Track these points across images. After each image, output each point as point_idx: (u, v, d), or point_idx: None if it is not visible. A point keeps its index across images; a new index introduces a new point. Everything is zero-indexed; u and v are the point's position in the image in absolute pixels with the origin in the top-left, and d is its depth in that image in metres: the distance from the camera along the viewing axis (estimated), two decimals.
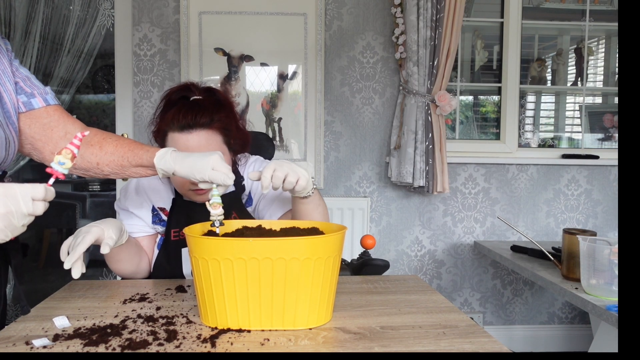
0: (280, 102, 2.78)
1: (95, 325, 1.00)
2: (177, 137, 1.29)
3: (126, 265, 1.35)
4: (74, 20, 2.78)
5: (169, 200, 1.44)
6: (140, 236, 1.43)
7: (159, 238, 1.46)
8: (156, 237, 1.47)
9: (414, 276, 1.39)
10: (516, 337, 2.97)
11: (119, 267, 1.35)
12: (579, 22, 3.01)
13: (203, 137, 1.30)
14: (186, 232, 1.02)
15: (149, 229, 1.44)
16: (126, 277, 1.40)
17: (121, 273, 1.38)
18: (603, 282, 1.66)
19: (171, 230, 1.40)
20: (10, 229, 0.86)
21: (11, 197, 0.86)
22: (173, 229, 1.40)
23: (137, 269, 1.39)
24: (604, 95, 3.24)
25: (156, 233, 1.46)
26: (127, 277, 1.40)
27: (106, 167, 1.18)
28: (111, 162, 1.17)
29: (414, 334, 0.97)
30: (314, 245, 0.97)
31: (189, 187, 1.32)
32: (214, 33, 2.71)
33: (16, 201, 0.86)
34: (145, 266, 1.42)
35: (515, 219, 2.92)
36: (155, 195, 1.44)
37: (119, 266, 1.35)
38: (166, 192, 1.45)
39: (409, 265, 2.91)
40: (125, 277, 1.41)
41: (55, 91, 2.80)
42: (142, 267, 1.40)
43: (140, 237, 1.43)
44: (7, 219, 0.85)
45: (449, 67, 2.64)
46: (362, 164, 2.84)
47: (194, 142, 1.29)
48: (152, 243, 1.46)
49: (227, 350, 0.89)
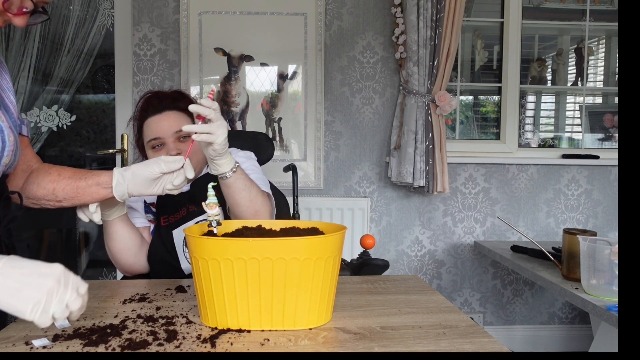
0: (280, 102, 2.78)
1: (95, 325, 1.00)
2: (150, 121, 1.47)
3: (129, 243, 1.39)
4: (73, 20, 2.78)
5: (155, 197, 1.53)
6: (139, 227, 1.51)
7: (152, 227, 1.54)
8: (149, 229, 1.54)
9: (414, 276, 1.39)
10: (516, 337, 2.97)
11: (121, 246, 1.38)
12: (579, 22, 3.00)
13: (172, 117, 1.46)
14: (186, 232, 1.02)
15: (145, 220, 1.54)
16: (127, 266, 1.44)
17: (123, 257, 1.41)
18: (603, 282, 1.66)
19: (161, 217, 1.50)
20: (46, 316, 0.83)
21: (65, 279, 0.85)
22: (162, 215, 1.50)
23: (138, 251, 1.42)
24: (604, 95, 3.24)
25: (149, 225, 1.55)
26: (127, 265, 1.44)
27: (61, 192, 1.16)
28: (67, 185, 1.16)
29: (414, 334, 0.97)
30: (314, 245, 0.97)
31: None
32: (214, 33, 2.71)
33: (67, 284, 0.85)
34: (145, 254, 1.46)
35: (516, 219, 2.92)
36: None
37: (122, 245, 1.38)
38: None
39: (409, 265, 2.91)
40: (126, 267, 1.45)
41: (55, 91, 2.82)
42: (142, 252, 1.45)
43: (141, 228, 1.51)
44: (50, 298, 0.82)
45: (449, 67, 2.64)
46: (362, 164, 2.84)
47: (165, 122, 1.45)
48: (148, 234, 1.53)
49: (227, 350, 0.89)
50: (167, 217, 1.49)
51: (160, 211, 1.51)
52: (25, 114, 2.78)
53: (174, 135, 1.45)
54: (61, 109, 2.83)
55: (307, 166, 2.78)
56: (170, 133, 1.45)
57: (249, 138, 1.98)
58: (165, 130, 1.45)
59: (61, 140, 4.58)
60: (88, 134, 4.67)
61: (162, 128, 1.45)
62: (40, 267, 0.85)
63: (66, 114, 2.84)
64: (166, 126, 1.45)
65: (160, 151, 1.45)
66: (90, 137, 4.69)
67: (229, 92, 2.74)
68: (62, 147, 4.60)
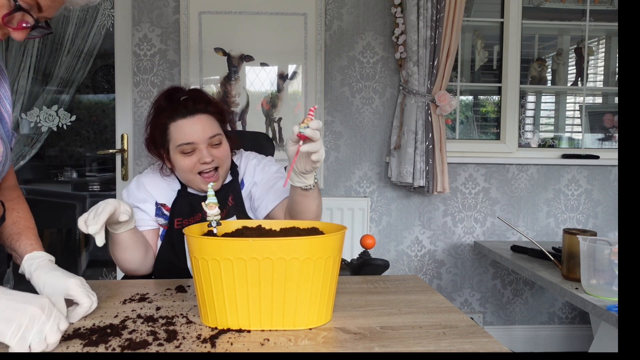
0: (280, 102, 2.78)
1: (95, 325, 1.00)
2: (182, 124, 1.40)
3: (134, 254, 1.37)
4: (73, 20, 2.78)
5: (170, 196, 1.50)
6: (146, 229, 1.48)
7: (161, 230, 1.51)
8: (158, 231, 1.51)
9: (414, 276, 1.39)
10: (516, 337, 2.97)
11: (125, 256, 1.37)
12: (579, 22, 3.00)
13: (204, 120, 1.41)
14: (186, 232, 1.02)
15: (154, 223, 1.49)
16: (130, 271, 1.43)
17: (127, 265, 1.40)
18: (603, 282, 1.66)
19: (175, 220, 1.46)
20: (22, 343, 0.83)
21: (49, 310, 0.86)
22: (176, 218, 1.47)
23: (143, 260, 1.41)
24: (604, 95, 3.24)
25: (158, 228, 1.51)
26: (131, 271, 1.42)
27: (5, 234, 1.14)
28: (9, 234, 1.14)
29: (414, 334, 0.97)
30: (314, 245, 0.96)
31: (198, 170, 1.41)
32: (214, 33, 2.71)
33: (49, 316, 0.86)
34: (151, 260, 1.45)
35: (515, 219, 2.92)
36: (157, 192, 1.50)
37: (126, 255, 1.36)
38: (168, 187, 1.51)
39: (409, 265, 2.91)
40: (129, 272, 1.44)
41: (55, 91, 2.82)
42: (148, 259, 1.43)
43: (146, 231, 1.48)
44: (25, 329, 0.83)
45: (449, 67, 2.64)
46: (362, 164, 2.84)
47: (198, 125, 1.40)
48: (154, 237, 1.50)
49: (227, 350, 0.89)
50: (182, 221, 1.46)
51: (175, 214, 1.48)
52: (26, 113, 2.78)
53: (207, 140, 1.40)
54: (61, 109, 2.83)
55: None
56: (204, 138, 1.40)
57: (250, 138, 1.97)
58: (200, 135, 1.39)
59: (61, 140, 4.58)
60: (88, 134, 4.67)
61: (196, 132, 1.39)
62: (27, 296, 0.87)
63: (66, 114, 2.84)
64: (200, 130, 1.40)
65: (192, 156, 1.40)
66: (90, 137, 4.69)
67: (229, 92, 2.74)
68: (62, 147, 4.60)
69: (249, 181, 1.55)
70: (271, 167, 1.57)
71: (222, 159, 1.44)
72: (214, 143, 1.42)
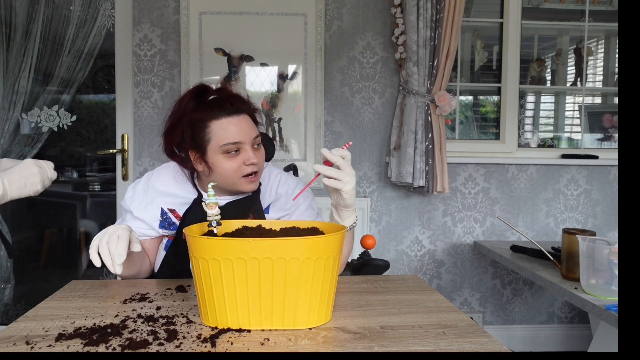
0: (280, 102, 2.78)
1: (96, 325, 1.00)
2: (227, 122, 1.32)
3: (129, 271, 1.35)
4: (74, 21, 2.78)
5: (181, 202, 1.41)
6: (142, 239, 1.43)
7: (165, 240, 1.45)
8: (160, 239, 1.46)
9: (414, 276, 1.39)
10: (516, 337, 2.97)
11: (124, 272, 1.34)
12: (579, 22, 3.01)
13: (248, 120, 1.37)
14: (186, 232, 1.02)
15: (152, 232, 1.42)
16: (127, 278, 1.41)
17: (123, 276, 1.38)
18: (602, 282, 1.67)
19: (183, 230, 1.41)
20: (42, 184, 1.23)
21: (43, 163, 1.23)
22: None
23: (139, 271, 1.40)
24: (604, 95, 3.24)
25: (160, 236, 1.45)
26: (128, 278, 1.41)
27: None
28: None
29: (414, 333, 0.97)
30: (314, 245, 0.97)
31: (243, 172, 1.34)
32: (214, 33, 2.72)
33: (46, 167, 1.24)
34: (147, 268, 1.43)
35: (515, 219, 2.93)
36: (166, 197, 1.42)
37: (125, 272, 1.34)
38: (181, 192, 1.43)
39: (409, 265, 2.91)
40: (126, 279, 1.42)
41: (55, 91, 2.83)
42: (143, 269, 1.41)
43: (142, 240, 1.43)
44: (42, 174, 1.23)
45: (448, 67, 2.64)
46: (362, 164, 2.84)
47: (244, 124, 1.34)
48: (153, 245, 1.45)
49: (227, 350, 0.89)
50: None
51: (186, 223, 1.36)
52: (26, 114, 2.78)
53: (252, 141, 1.35)
54: (62, 109, 2.83)
55: (307, 166, 2.78)
56: (250, 138, 1.34)
57: None
58: (247, 134, 1.33)
59: (62, 140, 4.58)
60: (88, 134, 4.67)
61: (242, 131, 1.32)
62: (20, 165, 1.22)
63: (67, 114, 2.85)
64: (247, 129, 1.34)
65: (237, 158, 1.33)
66: (91, 137, 4.69)
67: None
68: (63, 147, 4.61)
69: (281, 210, 1.48)
70: (310, 209, 1.50)
71: (262, 163, 1.39)
72: (256, 144, 1.37)
